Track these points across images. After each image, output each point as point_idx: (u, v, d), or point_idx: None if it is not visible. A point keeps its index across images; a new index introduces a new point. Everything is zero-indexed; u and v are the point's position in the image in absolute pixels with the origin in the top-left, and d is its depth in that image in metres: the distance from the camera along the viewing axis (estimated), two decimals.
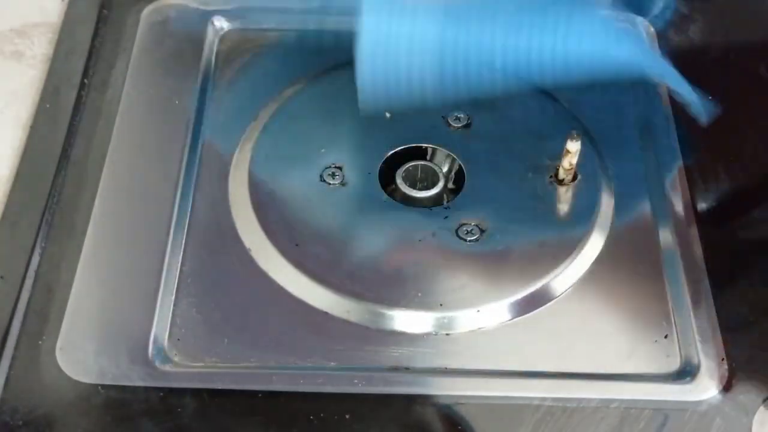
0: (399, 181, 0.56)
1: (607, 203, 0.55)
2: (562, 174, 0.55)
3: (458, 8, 0.51)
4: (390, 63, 0.51)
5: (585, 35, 0.51)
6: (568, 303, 0.51)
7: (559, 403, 0.47)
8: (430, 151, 0.57)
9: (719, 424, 0.47)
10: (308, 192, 0.54)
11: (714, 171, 0.56)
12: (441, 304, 0.50)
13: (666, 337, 0.50)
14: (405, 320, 0.50)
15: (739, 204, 0.56)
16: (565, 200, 0.55)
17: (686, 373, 0.49)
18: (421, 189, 0.56)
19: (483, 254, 0.52)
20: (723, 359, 0.49)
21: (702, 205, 0.55)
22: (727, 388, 0.48)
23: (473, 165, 0.56)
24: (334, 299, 0.50)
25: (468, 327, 0.50)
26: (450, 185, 0.57)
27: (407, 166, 0.56)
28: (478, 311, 0.50)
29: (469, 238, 0.53)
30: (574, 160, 0.54)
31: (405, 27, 0.51)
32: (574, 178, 0.55)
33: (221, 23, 0.64)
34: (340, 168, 0.55)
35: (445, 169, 0.57)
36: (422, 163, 0.57)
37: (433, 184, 0.56)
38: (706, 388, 0.48)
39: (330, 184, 0.55)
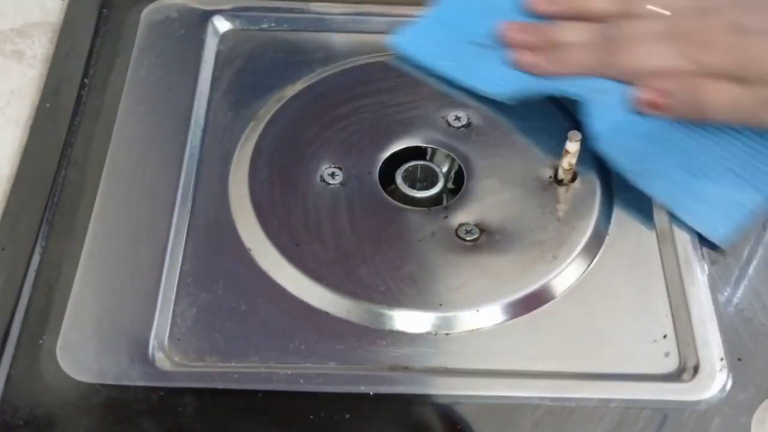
0: (399, 181, 0.56)
1: (606, 203, 0.55)
2: (561, 174, 0.55)
3: None
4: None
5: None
6: (567, 303, 0.51)
7: (559, 403, 0.47)
8: (429, 151, 0.58)
9: (718, 424, 0.47)
10: (308, 192, 0.55)
11: None
12: (440, 304, 0.50)
13: (665, 336, 0.50)
14: (404, 320, 0.50)
15: None
16: (564, 200, 0.55)
17: (685, 372, 0.49)
18: (420, 189, 0.56)
19: (482, 254, 0.52)
20: (722, 359, 0.49)
21: None
22: (726, 387, 0.48)
23: (473, 165, 0.56)
24: (334, 299, 0.50)
25: (467, 327, 0.50)
26: (450, 185, 0.57)
27: (407, 166, 0.56)
28: (478, 311, 0.50)
29: (468, 238, 0.53)
30: (574, 161, 0.54)
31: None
32: (574, 178, 0.55)
33: (221, 23, 0.63)
34: (339, 168, 0.55)
35: (444, 169, 0.57)
36: (422, 163, 0.57)
37: (433, 184, 0.56)
38: (705, 388, 0.48)
39: (330, 184, 0.55)
